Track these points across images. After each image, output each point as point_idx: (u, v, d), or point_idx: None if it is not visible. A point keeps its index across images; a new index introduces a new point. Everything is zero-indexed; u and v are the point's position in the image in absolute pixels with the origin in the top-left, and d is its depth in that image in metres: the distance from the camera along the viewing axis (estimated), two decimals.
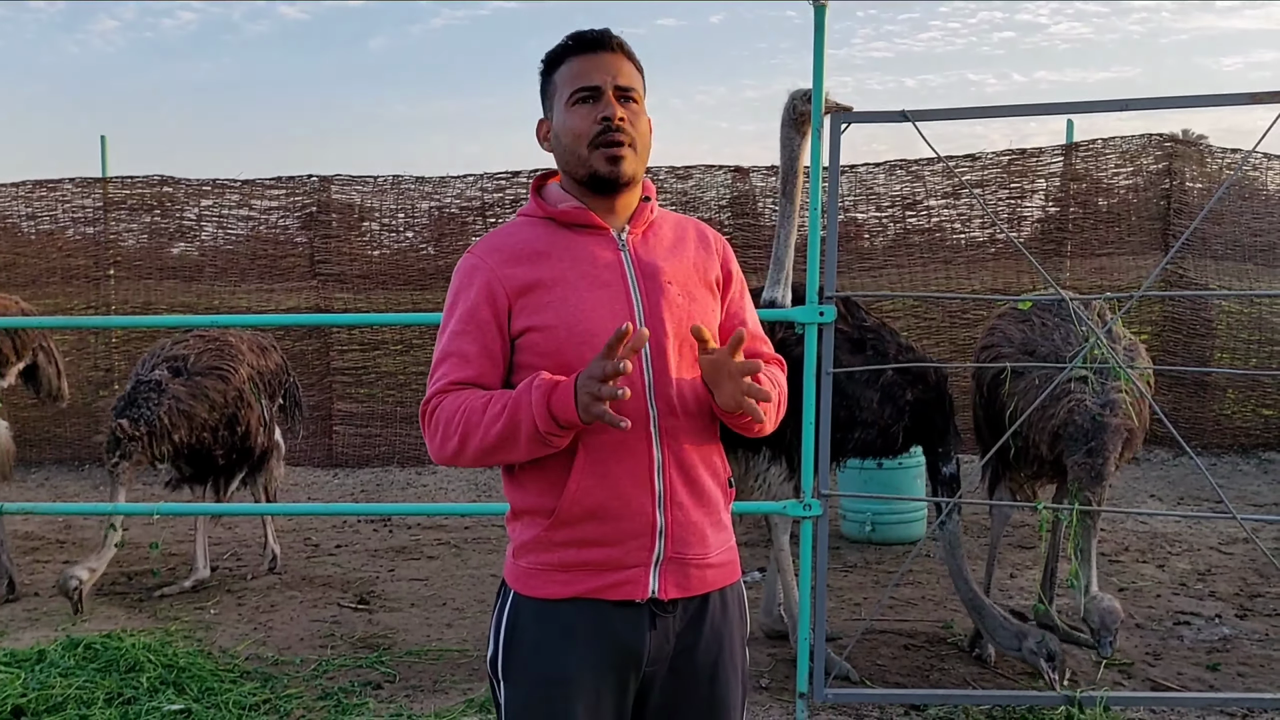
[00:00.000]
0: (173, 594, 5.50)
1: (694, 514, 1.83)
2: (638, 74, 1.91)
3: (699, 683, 1.86)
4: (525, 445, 1.73)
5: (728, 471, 1.93)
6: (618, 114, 1.82)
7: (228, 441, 5.55)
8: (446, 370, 1.83)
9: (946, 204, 9.10)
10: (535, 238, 1.88)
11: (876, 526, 6.45)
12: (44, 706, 3.72)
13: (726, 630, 1.89)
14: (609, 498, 1.77)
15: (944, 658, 4.51)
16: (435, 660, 4.56)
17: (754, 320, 2.03)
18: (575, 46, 1.88)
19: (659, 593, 1.80)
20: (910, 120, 3.63)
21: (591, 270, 1.83)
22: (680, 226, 1.98)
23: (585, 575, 1.79)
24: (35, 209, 9.54)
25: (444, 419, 1.79)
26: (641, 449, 1.79)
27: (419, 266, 9.34)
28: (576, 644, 1.79)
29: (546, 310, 1.80)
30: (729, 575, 1.91)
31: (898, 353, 4.37)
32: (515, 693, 1.84)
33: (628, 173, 1.85)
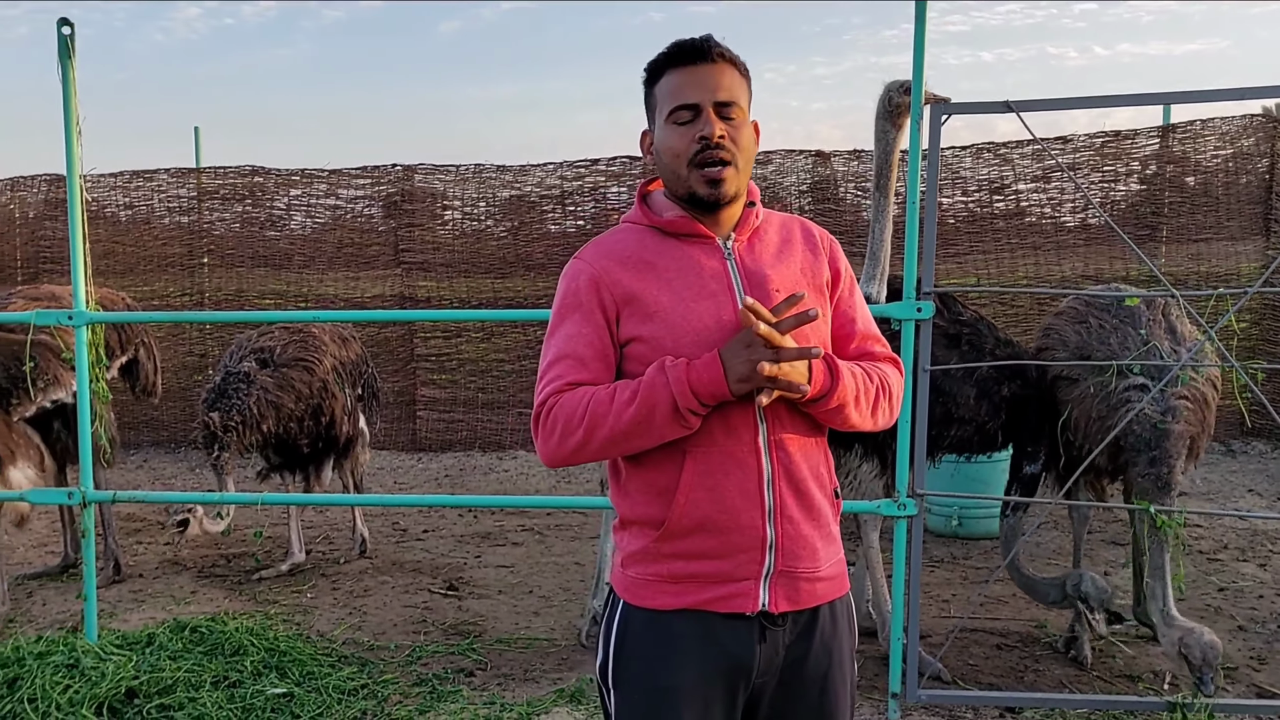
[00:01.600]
0: (270, 577, 5.67)
1: (804, 527, 1.82)
2: (741, 82, 1.87)
3: (808, 695, 1.86)
4: (661, 427, 1.72)
5: (835, 482, 1.91)
6: (716, 133, 1.79)
7: (313, 431, 5.68)
8: (562, 372, 1.82)
9: (1035, 187, 8.88)
10: (642, 246, 1.87)
11: (963, 520, 6.35)
12: (155, 689, 3.86)
13: (836, 643, 1.88)
14: (718, 511, 1.77)
15: (1038, 659, 4.43)
16: (525, 649, 4.63)
17: (866, 318, 1.98)
18: (675, 58, 1.85)
19: (769, 606, 1.79)
20: (1014, 111, 3.54)
21: (698, 280, 1.82)
22: (786, 228, 1.96)
23: (694, 587, 1.80)
24: (132, 199, 9.85)
25: (564, 416, 1.77)
26: (751, 462, 1.78)
27: (499, 254, 9.43)
28: (686, 655, 1.79)
29: (653, 320, 1.80)
30: (839, 588, 1.90)
31: (994, 347, 4.29)
32: (625, 702, 1.85)
33: (728, 193, 1.83)
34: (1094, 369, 4.01)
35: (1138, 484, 3.91)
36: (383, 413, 9.46)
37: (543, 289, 9.33)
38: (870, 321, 1.99)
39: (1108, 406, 3.92)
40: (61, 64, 4.00)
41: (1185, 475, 4.25)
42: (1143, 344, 3.98)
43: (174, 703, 3.81)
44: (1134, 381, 3.92)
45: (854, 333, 1.95)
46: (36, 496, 4.36)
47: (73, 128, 4.04)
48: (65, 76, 4.02)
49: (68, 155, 4.05)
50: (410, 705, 4.00)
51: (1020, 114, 3.55)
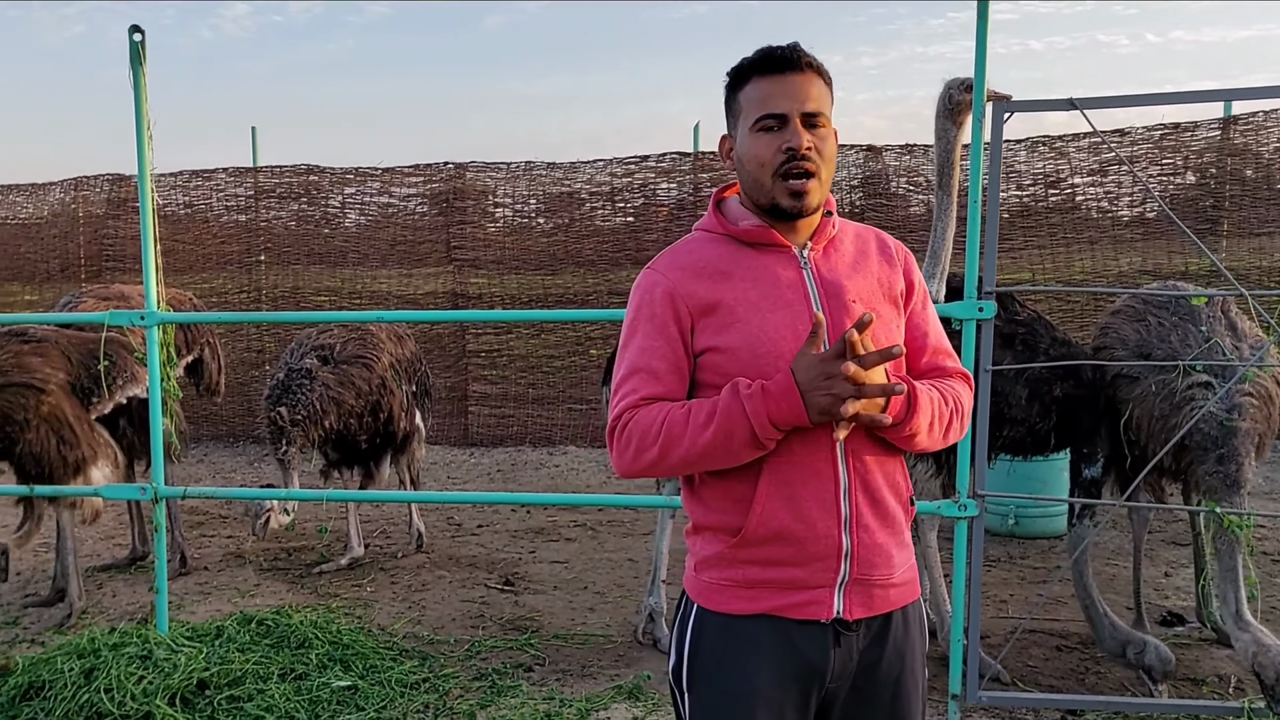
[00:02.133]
0: (331, 571, 5.78)
1: (879, 535, 1.82)
2: (826, 91, 1.85)
3: (881, 699, 1.86)
4: (738, 450, 1.74)
5: (910, 490, 1.91)
6: (804, 144, 1.78)
7: (371, 427, 5.78)
8: (636, 385, 1.83)
9: (1091, 181, 8.75)
10: (717, 256, 1.87)
11: (1020, 520, 6.30)
12: (225, 680, 3.96)
13: (908, 647, 1.89)
14: (794, 521, 1.78)
15: (1099, 660, 4.38)
16: (581, 645, 4.68)
17: (938, 332, 1.97)
18: (763, 65, 1.83)
19: (844, 613, 1.81)
20: (1078, 108, 3.50)
21: (774, 290, 1.82)
22: (862, 239, 1.95)
23: (770, 593, 1.81)
24: (191, 198, 10.06)
25: (640, 431, 1.78)
26: (828, 472, 1.78)
27: (550, 251, 9.50)
28: (761, 660, 1.80)
29: (729, 331, 1.79)
30: (911, 593, 1.91)
31: (1050, 346, 4.24)
32: (700, 705, 1.86)
33: (811, 205, 1.82)
34: (1154, 367, 3.96)
35: (1205, 483, 3.85)
36: (435, 408, 9.60)
37: (591, 285, 9.39)
38: (942, 335, 1.98)
39: (1170, 405, 3.86)
40: (133, 69, 4.10)
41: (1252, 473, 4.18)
42: (1204, 341, 3.92)
43: (244, 694, 3.90)
44: (1197, 379, 3.86)
45: (925, 346, 1.94)
46: (111, 492, 4.49)
47: (144, 131, 4.14)
48: (136, 81, 4.11)
49: (139, 158, 4.15)
50: (471, 699, 4.07)
51: (1084, 111, 3.51)
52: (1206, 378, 3.86)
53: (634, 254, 9.23)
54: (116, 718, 3.70)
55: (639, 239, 9.29)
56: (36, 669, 4.02)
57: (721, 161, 1.96)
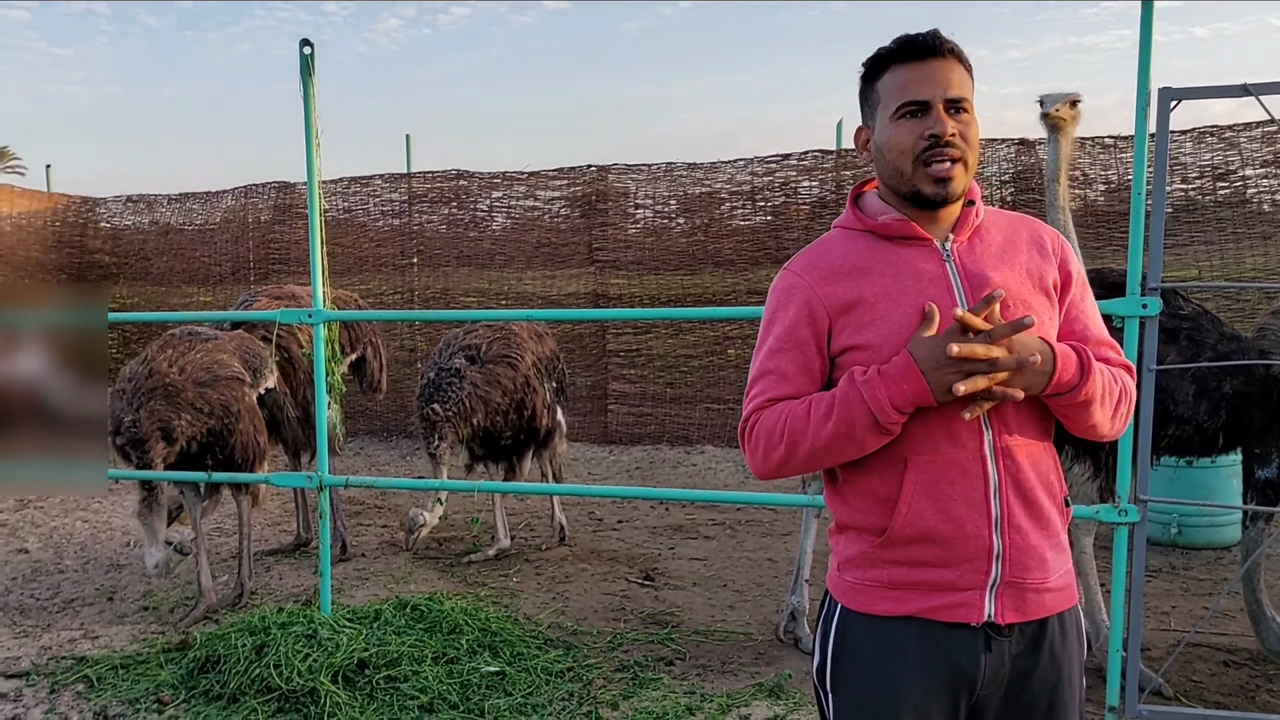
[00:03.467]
0: (479, 561, 5.98)
1: (1033, 537, 1.76)
2: (968, 79, 1.80)
3: (1036, 709, 1.80)
4: (863, 438, 1.72)
5: (1065, 490, 1.84)
6: (948, 130, 1.74)
7: (515, 424, 5.95)
8: (764, 388, 1.84)
9: (1265, 173, 8.22)
10: (855, 252, 1.84)
11: (1183, 529, 5.98)
12: (383, 660, 4.16)
13: (1065, 656, 1.82)
14: (942, 521, 1.73)
15: (1271, 678, 4.13)
16: (721, 641, 4.70)
17: (1099, 324, 1.89)
18: (902, 53, 1.80)
19: (995, 617, 1.75)
20: (1253, 94, 3.31)
21: (915, 285, 1.77)
22: (1011, 228, 1.88)
23: (917, 595, 1.77)
24: (350, 203, 10.57)
25: (765, 431, 1.80)
26: (976, 470, 1.74)
27: (689, 251, 9.56)
28: (908, 662, 1.77)
29: (869, 329, 1.76)
30: (1068, 599, 1.84)
31: (1218, 342, 4.03)
32: (845, 706, 1.84)
33: (956, 192, 1.78)
34: None
35: None
36: (576, 406, 9.80)
37: (730, 285, 9.40)
38: (1103, 327, 1.90)
39: None
40: (303, 81, 4.35)
41: None
42: None
43: (400, 675, 4.09)
44: None
45: (1087, 338, 1.85)
46: (280, 480, 4.77)
47: (313, 140, 4.39)
48: (306, 93, 4.37)
49: (309, 165, 4.41)
50: (614, 690, 4.14)
51: (1259, 97, 3.32)
52: None
53: (774, 253, 9.19)
54: (284, 692, 3.94)
55: (779, 237, 9.25)
56: (213, 644, 4.32)
57: (859, 154, 1.93)
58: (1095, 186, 8.60)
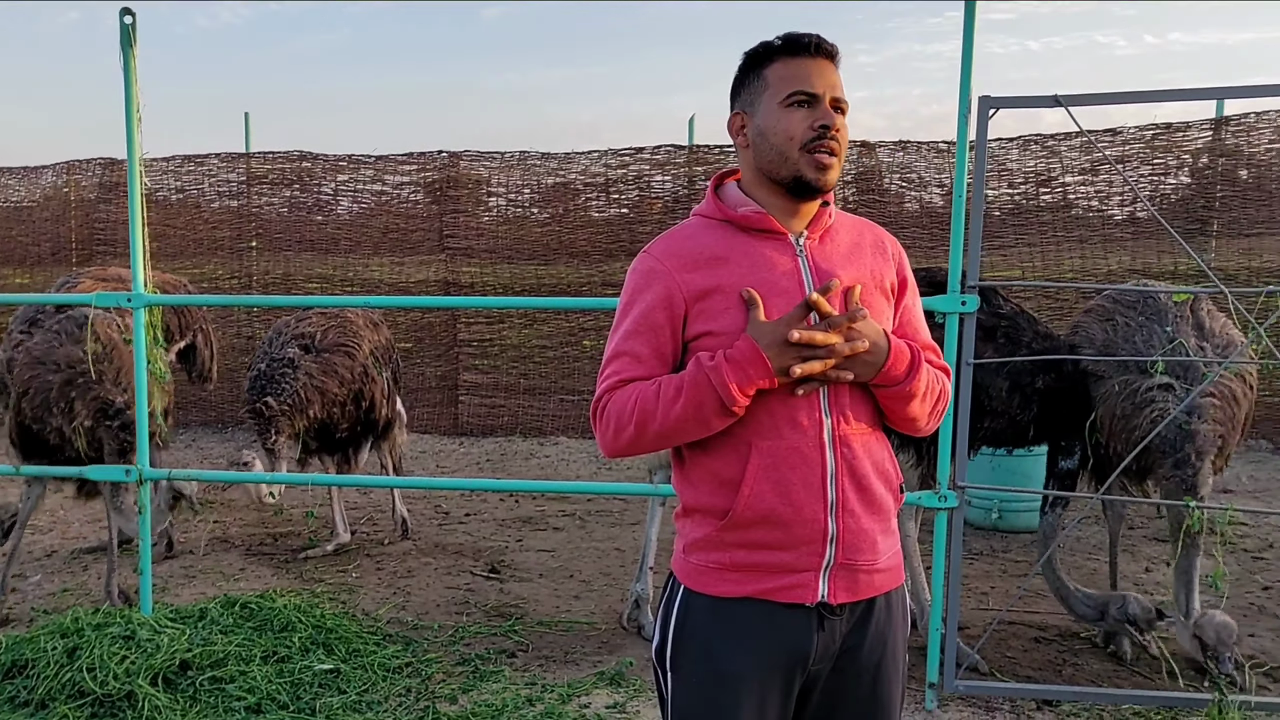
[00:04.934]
0: (316, 557, 5.79)
1: (865, 521, 1.84)
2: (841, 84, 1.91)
3: (861, 683, 1.89)
4: (709, 419, 1.78)
5: (899, 478, 1.94)
6: (837, 124, 1.83)
7: (353, 415, 5.77)
8: (618, 369, 1.88)
9: (1083, 180, 8.78)
10: (714, 241, 1.88)
11: (1003, 514, 6.33)
12: (208, 661, 3.97)
13: (891, 633, 1.92)
14: (782, 504, 1.80)
15: (1077, 653, 4.42)
16: (565, 632, 4.70)
17: (925, 329, 2.02)
18: (791, 47, 1.87)
19: (828, 597, 1.83)
20: (1063, 105, 3.52)
21: (769, 277, 1.84)
22: (857, 231, 1.97)
23: (756, 576, 1.83)
24: (184, 183, 10.06)
25: (616, 411, 1.84)
26: (815, 457, 1.81)
27: (543, 241, 9.51)
28: (747, 642, 1.83)
29: (723, 316, 1.82)
30: (895, 579, 1.94)
31: (1032, 340, 4.26)
32: (683, 686, 1.88)
33: (831, 181, 1.85)
34: (1120, 367, 3.98)
35: (1164, 485, 3.89)
36: (425, 397, 9.63)
37: (585, 275, 9.40)
38: (928, 332, 2.03)
39: (1132, 405, 3.89)
40: (123, 52, 4.10)
41: (1218, 475, 4.21)
42: (1168, 341, 3.94)
43: (226, 675, 3.92)
44: (1159, 381, 3.88)
45: (915, 341, 1.96)
46: (96, 473, 4.49)
47: (134, 115, 4.15)
48: (126, 65, 4.12)
49: (129, 142, 4.16)
50: (454, 684, 4.09)
51: (1069, 109, 3.53)
52: (1168, 379, 3.88)
53: (628, 245, 9.25)
54: (99, 696, 3.72)
55: (633, 231, 9.31)
56: (20, 648, 4.04)
57: (732, 139, 1.97)
58: (931, 189, 9.00)
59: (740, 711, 1.82)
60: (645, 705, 3.90)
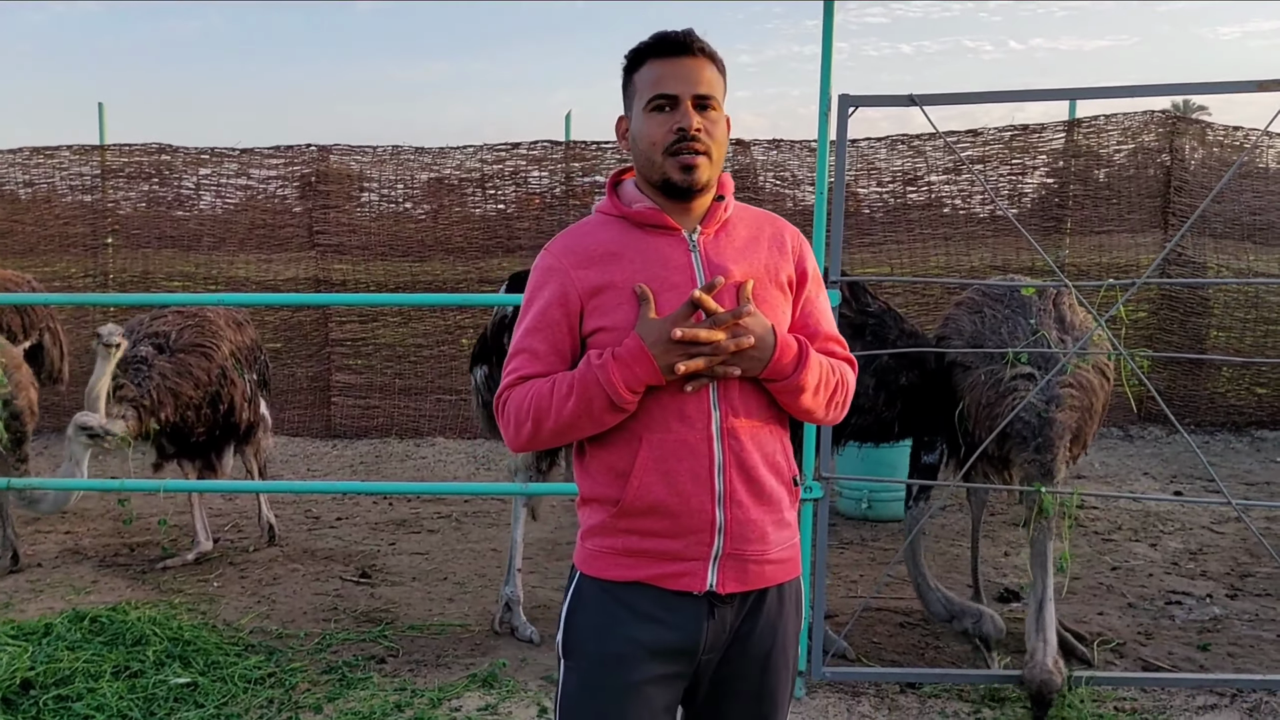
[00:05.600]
0: (176, 566, 5.54)
1: (753, 512, 1.87)
2: (719, 77, 1.92)
3: (750, 672, 1.94)
4: (600, 416, 1.82)
5: (794, 470, 1.97)
6: (694, 125, 1.84)
7: (209, 419, 5.51)
8: (518, 365, 1.92)
9: (947, 179, 9.09)
10: (609, 238, 1.92)
11: (873, 504, 6.51)
12: (52, 680, 3.77)
13: (782, 624, 1.96)
14: (669, 495, 1.84)
15: (939, 635, 4.57)
16: (438, 635, 4.62)
17: (829, 321, 2.04)
18: (657, 48, 1.90)
19: (717, 587, 1.86)
20: (917, 104, 3.63)
21: (662, 272, 1.87)
22: (756, 224, 2.00)
23: (646, 562, 1.87)
24: (33, 176, 9.49)
25: (515, 408, 1.89)
26: (703, 449, 1.84)
27: (418, 237, 9.32)
28: (635, 627, 1.87)
29: (616, 311, 1.86)
30: (789, 571, 1.97)
31: (899, 338, 4.38)
32: (574, 669, 1.92)
33: (701, 180, 1.87)
34: (986, 358, 4.13)
35: (1023, 470, 4.04)
36: (296, 399, 9.33)
37: (462, 272, 9.25)
38: (833, 325, 2.05)
39: (996, 394, 4.04)
40: None
41: (1076, 461, 4.40)
42: (1031, 333, 4.11)
43: (72, 693, 3.72)
44: (1021, 370, 4.04)
45: (817, 333, 2.00)
46: None
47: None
48: None
49: None
50: (319, 693, 3.97)
51: (923, 108, 3.64)
52: (1030, 369, 4.04)
53: (506, 242, 9.13)
54: None
55: (511, 227, 9.20)
56: None
57: (618, 142, 2.01)
58: (804, 187, 9.17)
59: (625, 696, 1.85)
60: (518, 706, 3.86)
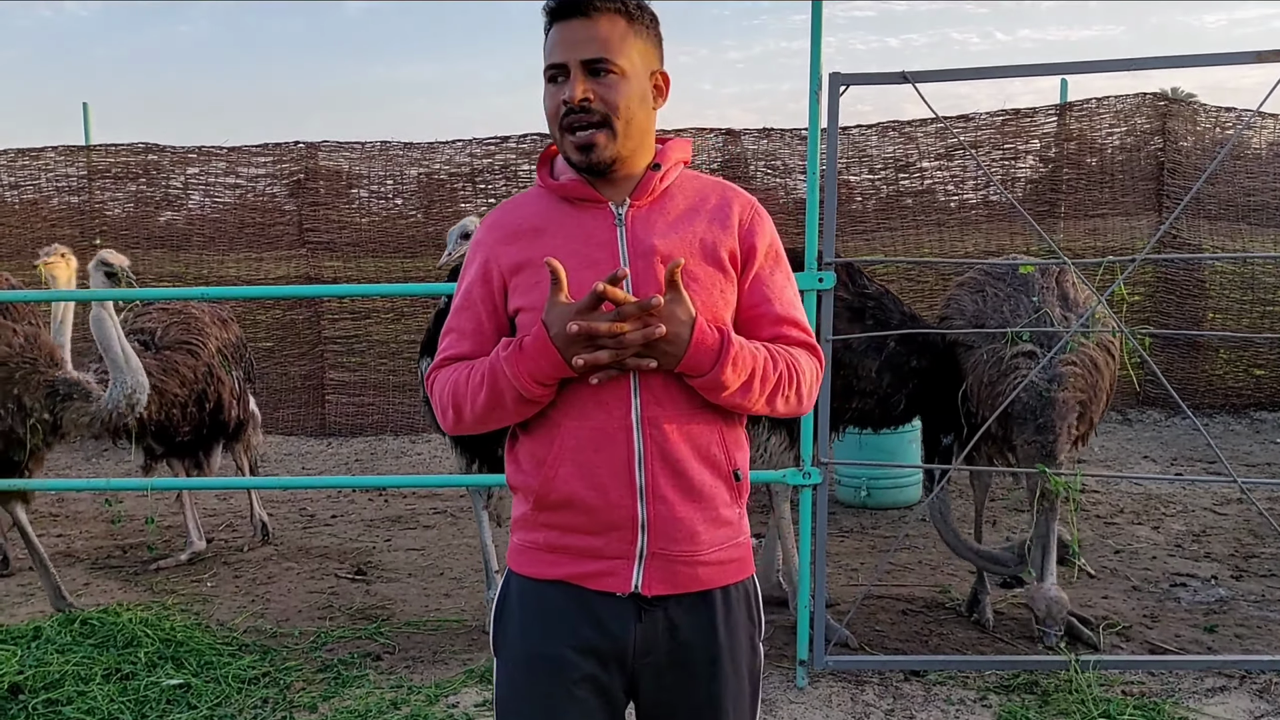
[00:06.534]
0: (169, 567, 5.48)
1: (680, 509, 1.71)
2: (628, 32, 1.70)
3: (696, 681, 1.77)
4: (514, 408, 1.71)
5: (735, 464, 1.78)
6: (578, 96, 1.67)
7: (196, 418, 5.40)
8: (446, 345, 1.83)
9: (939, 165, 9.05)
10: (536, 213, 1.80)
11: (871, 491, 6.46)
12: (42, 684, 3.70)
13: (729, 629, 1.78)
14: (585, 488, 1.70)
15: (942, 622, 4.52)
16: (434, 631, 4.56)
17: (786, 300, 1.82)
18: (553, 12, 1.72)
19: (642, 588, 1.71)
20: (911, 82, 3.57)
21: (584, 249, 1.72)
22: (700, 195, 1.81)
23: (567, 559, 1.74)
24: (18, 178, 9.41)
25: (439, 391, 1.79)
26: (621, 439, 1.69)
27: (408, 234, 9.25)
28: (559, 626, 1.74)
29: (534, 291, 1.71)
30: (731, 573, 1.79)
31: (901, 322, 4.32)
32: (503, 668, 1.80)
33: (603, 158, 1.71)
34: (988, 337, 4.08)
35: (1024, 450, 3.98)
36: (289, 398, 9.26)
37: None
38: (793, 306, 1.83)
39: (998, 373, 3.98)
40: None
41: (1085, 443, 4.35)
42: (1034, 311, 4.05)
43: (62, 696, 3.66)
44: (1023, 349, 3.99)
45: (769, 314, 1.80)
46: None
47: None
48: None
49: None
50: (314, 691, 3.91)
51: (917, 85, 3.58)
52: (1031, 347, 3.99)
53: None
54: None
55: None
56: None
57: None
58: (796, 176, 9.12)
59: (554, 700, 1.72)
60: None
